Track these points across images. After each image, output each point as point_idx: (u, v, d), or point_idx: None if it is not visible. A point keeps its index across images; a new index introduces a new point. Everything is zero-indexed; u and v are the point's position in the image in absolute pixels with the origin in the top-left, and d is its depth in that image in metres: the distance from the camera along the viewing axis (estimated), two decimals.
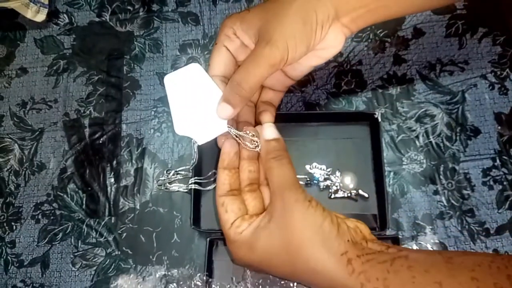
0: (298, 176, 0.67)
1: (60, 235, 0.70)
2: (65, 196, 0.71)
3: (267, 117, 0.59)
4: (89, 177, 0.72)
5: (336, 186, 0.67)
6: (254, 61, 0.49)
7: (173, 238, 0.67)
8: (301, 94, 0.74)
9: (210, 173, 0.69)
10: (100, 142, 0.73)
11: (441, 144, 0.69)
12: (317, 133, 0.71)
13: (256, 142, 0.53)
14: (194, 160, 0.66)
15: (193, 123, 0.52)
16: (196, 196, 0.67)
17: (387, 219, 0.64)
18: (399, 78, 0.73)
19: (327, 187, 0.68)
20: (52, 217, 0.70)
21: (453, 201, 0.66)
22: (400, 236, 0.65)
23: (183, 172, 0.70)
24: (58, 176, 0.72)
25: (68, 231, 0.70)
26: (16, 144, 0.75)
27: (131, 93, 0.76)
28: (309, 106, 0.73)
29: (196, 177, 0.67)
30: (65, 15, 0.82)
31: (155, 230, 0.68)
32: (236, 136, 0.53)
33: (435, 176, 0.68)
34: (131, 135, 0.73)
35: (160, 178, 0.70)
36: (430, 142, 0.69)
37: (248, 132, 0.53)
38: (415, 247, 0.63)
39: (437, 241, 0.65)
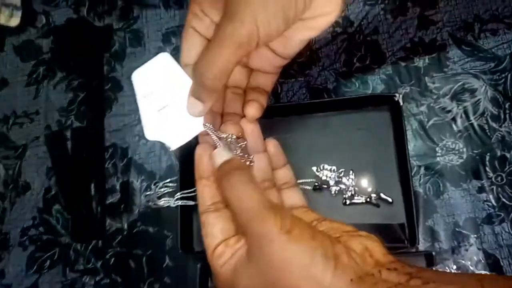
0: (302, 180, 0.57)
1: (48, 262, 0.63)
2: (50, 218, 0.65)
3: (252, 110, 0.47)
4: (73, 195, 0.65)
5: (351, 191, 0.55)
6: (216, 44, 0.38)
7: (165, 261, 0.59)
8: (304, 78, 0.61)
9: None
10: (83, 155, 0.65)
11: (486, 127, 0.54)
12: (325, 125, 0.58)
13: (238, 143, 0.42)
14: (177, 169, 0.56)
15: (165, 125, 0.43)
16: (186, 212, 0.57)
17: (417, 229, 0.51)
18: (426, 45, 0.58)
19: (340, 191, 0.55)
20: (39, 243, 0.65)
21: (504, 200, 0.52)
22: (437, 249, 0.52)
23: (171, 184, 0.60)
24: (43, 197, 0.66)
25: (55, 257, 0.63)
26: (1, 164, 0.69)
27: (113, 96, 0.67)
28: (314, 92, 0.60)
29: (182, 191, 0.57)
30: (42, 16, 0.74)
31: (145, 254, 0.60)
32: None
33: (480, 168, 0.53)
34: (115, 145, 0.65)
35: (147, 193, 0.61)
36: (471, 124, 0.55)
37: (231, 134, 0.42)
38: (453, 266, 0.49)
39: (484, 253, 0.50)
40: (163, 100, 0.42)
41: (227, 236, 0.38)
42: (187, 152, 0.60)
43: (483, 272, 0.49)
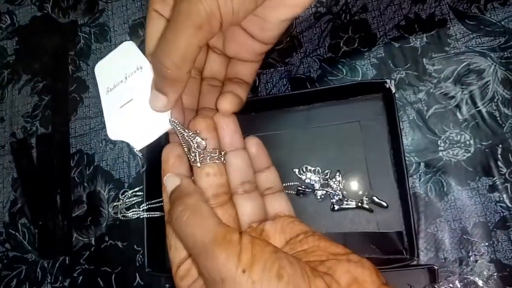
0: (285, 184, 0.49)
1: (15, 282, 0.58)
2: (17, 234, 0.60)
3: (226, 103, 0.40)
4: (40, 208, 0.59)
5: (339, 195, 0.47)
6: (173, 26, 0.32)
7: (135, 280, 0.53)
8: (285, 67, 0.54)
9: None
10: (49, 164, 0.59)
11: (497, 113, 0.46)
12: (308, 120, 0.51)
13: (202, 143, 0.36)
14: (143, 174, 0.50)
15: (129, 122, 0.37)
16: (155, 224, 0.50)
17: (417, 238, 0.43)
18: (424, 22, 0.50)
19: (327, 196, 0.48)
20: (5, 260, 0.60)
21: None
22: (441, 260, 0.44)
23: (141, 193, 0.54)
24: (9, 210, 0.61)
25: (22, 276, 0.58)
26: None
27: (78, 98, 0.61)
28: (296, 82, 0.53)
29: (149, 201, 0.50)
30: (6, 16, 0.69)
31: (114, 271, 0.54)
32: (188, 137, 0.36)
33: (490, 163, 0.45)
34: (81, 151, 0.59)
35: (115, 203, 0.55)
36: (479, 111, 0.46)
37: (195, 131, 0.36)
38: (459, 285, 0.41)
39: (498, 264, 0.42)
40: (127, 95, 0.36)
41: None
42: (156, 155, 0.53)
43: None
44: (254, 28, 0.37)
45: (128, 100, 0.36)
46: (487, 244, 0.43)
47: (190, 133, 0.35)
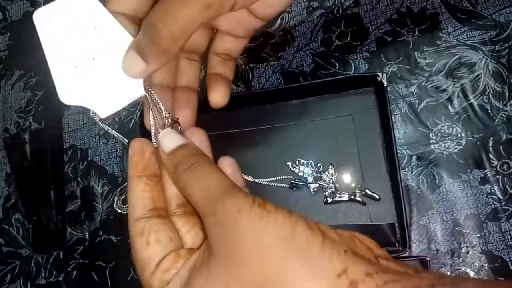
0: (276, 178, 0.50)
1: (9, 276, 0.58)
2: (11, 229, 0.60)
3: (218, 97, 0.39)
4: (33, 203, 0.59)
5: (332, 188, 0.47)
6: None
7: (130, 274, 0.53)
8: (278, 61, 0.54)
9: None
10: (42, 159, 0.59)
11: (488, 106, 0.46)
12: (301, 114, 0.51)
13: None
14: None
15: (90, 86, 0.33)
16: None
17: (409, 229, 0.43)
18: (415, 16, 0.50)
19: (320, 188, 0.48)
20: None
21: None
22: (433, 252, 0.44)
23: None
24: (2, 206, 0.61)
25: (16, 271, 0.58)
26: None
27: None
28: (289, 76, 0.53)
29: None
30: None
31: (108, 265, 0.54)
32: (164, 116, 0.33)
33: (482, 156, 0.45)
34: (75, 146, 0.59)
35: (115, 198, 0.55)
36: (471, 104, 0.47)
37: (167, 112, 0.34)
38: (449, 272, 0.42)
39: (489, 256, 0.42)
40: (86, 53, 0.32)
41: (178, 246, 0.30)
42: None
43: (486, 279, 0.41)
44: (256, 4, 0.35)
45: (88, 59, 0.32)
46: (478, 235, 0.44)
47: (167, 112, 0.33)
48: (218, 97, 0.39)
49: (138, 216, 0.30)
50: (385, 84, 0.46)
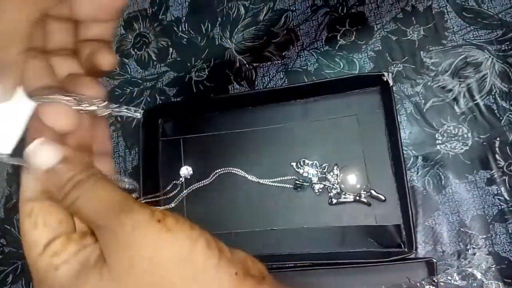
0: (282, 178, 0.49)
1: (11, 277, 0.58)
2: (12, 229, 0.59)
3: (108, 58, 0.32)
4: None
5: (337, 188, 0.47)
6: None
7: None
8: (282, 60, 0.53)
9: (170, 186, 0.52)
10: None
11: (494, 106, 0.46)
12: (305, 114, 0.50)
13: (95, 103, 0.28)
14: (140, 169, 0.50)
15: None
16: None
17: (415, 231, 0.43)
18: (421, 15, 0.50)
19: (325, 189, 0.48)
20: (1, 256, 0.59)
21: None
22: (439, 253, 0.44)
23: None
24: (4, 206, 0.60)
25: (18, 271, 0.57)
26: None
27: None
28: (293, 76, 0.52)
29: (145, 196, 0.50)
30: None
31: None
32: None
33: (488, 156, 0.45)
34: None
35: None
36: (477, 104, 0.46)
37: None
38: (457, 277, 0.41)
39: (496, 257, 0.42)
40: None
41: (69, 230, 0.27)
42: (152, 149, 0.53)
43: (494, 281, 0.41)
44: None
45: None
46: (485, 237, 0.43)
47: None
48: (106, 59, 0.33)
49: (28, 197, 0.27)
50: (391, 84, 0.45)
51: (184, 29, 0.58)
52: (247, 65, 0.54)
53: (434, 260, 0.42)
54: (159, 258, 0.23)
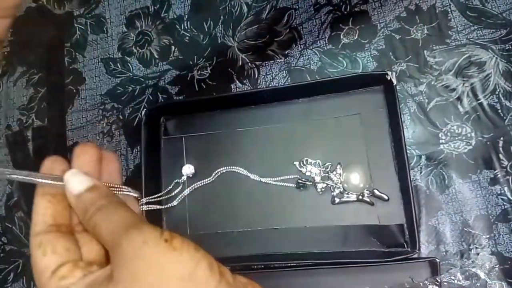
0: (284, 177, 0.49)
1: (12, 275, 0.58)
2: (13, 227, 0.59)
3: None
4: None
5: (340, 188, 0.47)
6: None
7: None
8: (284, 59, 0.53)
9: (172, 184, 0.52)
10: (45, 156, 0.59)
11: (498, 106, 0.45)
12: (308, 112, 0.50)
13: None
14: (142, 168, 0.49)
15: None
16: (152, 216, 0.50)
17: (419, 230, 0.43)
18: (424, 13, 0.50)
19: (328, 188, 0.47)
20: (2, 254, 0.59)
21: None
22: (442, 253, 0.44)
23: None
24: (5, 204, 0.60)
25: (19, 270, 0.57)
26: None
27: (74, 90, 0.60)
28: (296, 74, 0.52)
29: (148, 198, 0.50)
30: None
31: None
32: None
33: (492, 156, 0.45)
34: (78, 144, 0.58)
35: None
36: (480, 104, 0.46)
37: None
38: (460, 277, 0.41)
39: (499, 257, 0.42)
40: None
41: (76, 258, 0.30)
42: (154, 149, 0.53)
43: (497, 281, 0.41)
44: None
45: None
46: (488, 237, 0.43)
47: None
48: None
49: (38, 231, 0.30)
50: (395, 83, 0.45)
51: (186, 27, 0.58)
52: (249, 64, 0.54)
53: (437, 260, 0.42)
54: (164, 273, 0.25)
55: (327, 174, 0.48)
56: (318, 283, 0.46)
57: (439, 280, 0.41)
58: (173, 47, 0.58)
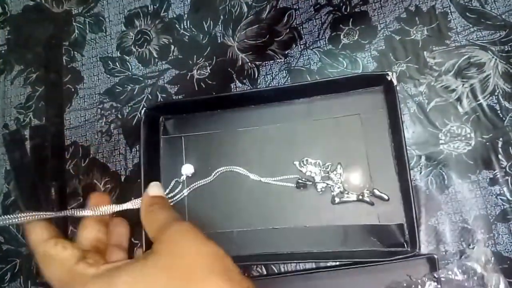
0: (284, 177, 0.49)
1: (9, 275, 0.57)
2: (10, 227, 0.59)
3: None
4: (34, 201, 0.57)
5: (340, 187, 0.47)
6: None
7: None
8: (285, 59, 0.53)
9: (171, 184, 0.52)
10: (43, 156, 0.58)
11: (497, 107, 0.46)
12: (308, 113, 0.50)
13: None
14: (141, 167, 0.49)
15: None
16: None
17: (418, 230, 0.43)
18: (424, 14, 0.50)
19: (328, 188, 0.47)
20: None
21: None
22: (442, 252, 0.44)
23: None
24: (2, 203, 0.60)
25: (16, 269, 0.57)
26: None
27: (73, 89, 0.60)
28: (296, 75, 0.52)
29: None
30: None
31: None
32: None
33: (491, 156, 0.45)
34: (76, 143, 0.58)
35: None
36: (480, 105, 0.46)
37: None
38: (458, 271, 0.41)
39: (498, 257, 0.42)
40: None
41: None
42: (152, 148, 0.53)
43: (494, 274, 0.41)
44: None
45: None
46: (487, 236, 0.43)
47: None
48: None
49: (41, 240, 0.35)
50: (395, 83, 0.45)
51: (186, 26, 0.58)
52: (249, 64, 0.54)
53: (436, 256, 0.42)
54: (197, 251, 0.31)
55: (327, 174, 0.48)
56: (317, 286, 0.46)
57: (436, 276, 0.41)
58: (172, 47, 0.57)
